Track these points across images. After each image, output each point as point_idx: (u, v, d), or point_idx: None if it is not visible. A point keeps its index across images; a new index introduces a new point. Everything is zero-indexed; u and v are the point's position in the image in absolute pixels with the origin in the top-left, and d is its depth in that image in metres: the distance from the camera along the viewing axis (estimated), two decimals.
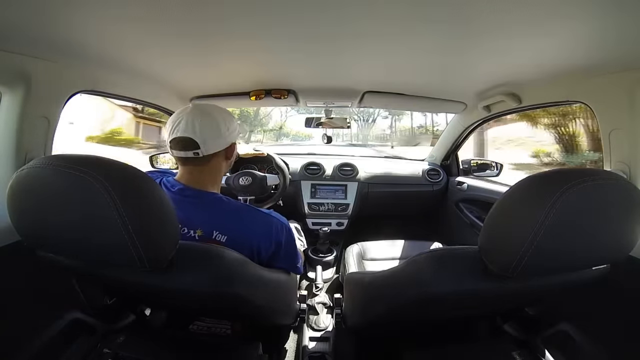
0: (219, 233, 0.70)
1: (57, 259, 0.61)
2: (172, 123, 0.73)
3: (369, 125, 16.99)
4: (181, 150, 0.72)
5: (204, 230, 0.70)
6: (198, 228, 0.70)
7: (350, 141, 15.95)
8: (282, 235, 0.78)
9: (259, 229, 0.74)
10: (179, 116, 0.73)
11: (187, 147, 0.71)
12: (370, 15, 0.62)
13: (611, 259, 0.56)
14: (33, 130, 0.80)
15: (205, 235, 0.70)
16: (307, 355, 1.06)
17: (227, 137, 0.77)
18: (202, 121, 0.72)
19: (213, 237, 0.70)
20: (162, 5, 0.57)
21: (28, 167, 0.49)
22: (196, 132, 0.71)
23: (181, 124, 0.71)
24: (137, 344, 0.73)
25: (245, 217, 0.75)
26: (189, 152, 0.72)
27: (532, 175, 0.52)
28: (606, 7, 0.53)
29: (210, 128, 0.72)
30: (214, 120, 0.73)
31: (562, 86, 0.96)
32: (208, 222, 0.71)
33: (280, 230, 0.78)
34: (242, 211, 0.76)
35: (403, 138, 17.01)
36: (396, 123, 18.18)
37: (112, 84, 1.02)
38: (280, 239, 0.77)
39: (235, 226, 0.72)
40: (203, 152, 0.72)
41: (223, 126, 0.75)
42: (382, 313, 0.73)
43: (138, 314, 0.89)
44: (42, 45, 0.73)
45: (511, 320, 0.84)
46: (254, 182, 1.45)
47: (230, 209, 0.75)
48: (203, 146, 0.72)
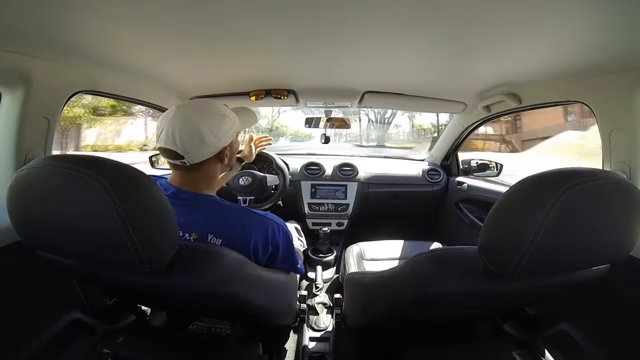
0: (214, 236, 0.69)
1: (57, 259, 0.61)
2: (157, 129, 0.70)
3: (385, 127, 16.06)
4: (168, 157, 0.70)
5: (199, 233, 0.69)
6: (193, 231, 0.69)
7: (359, 142, 15.07)
8: (279, 236, 0.76)
9: (255, 232, 0.72)
10: (162, 123, 0.69)
11: (172, 156, 0.69)
12: (370, 15, 0.62)
13: (611, 259, 0.56)
14: (33, 130, 0.80)
15: (200, 238, 0.69)
16: (307, 355, 1.06)
17: (215, 144, 0.71)
18: (182, 131, 0.66)
19: (208, 241, 0.69)
20: (162, 5, 0.57)
21: (28, 167, 0.49)
22: (177, 144, 0.66)
23: (163, 134, 0.67)
24: (137, 344, 0.73)
25: (240, 220, 0.73)
26: (176, 160, 0.69)
27: (532, 175, 0.52)
28: (606, 7, 0.53)
29: (191, 139, 0.67)
30: (195, 129, 0.67)
31: (562, 86, 0.96)
32: (202, 225, 0.69)
33: (277, 232, 0.76)
34: (237, 214, 0.74)
35: (427, 138, 15.79)
36: (413, 121, 16.56)
37: (112, 84, 1.02)
38: (277, 240, 0.76)
39: (230, 229, 0.70)
40: (189, 162, 0.69)
41: (208, 133, 0.68)
42: (382, 313, 0.73)
43: (138, 314, 0.89)
44: (42, 45, 0.72)
45: (511, 320, 0.84)
46: (254, 182, 1.45)
47: (224, 212, 0.73)
48: (187, 156, 0.68)
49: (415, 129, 16.22)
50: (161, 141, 0.68)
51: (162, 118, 0.70)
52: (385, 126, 15.76)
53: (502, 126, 9.65)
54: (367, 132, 16.05)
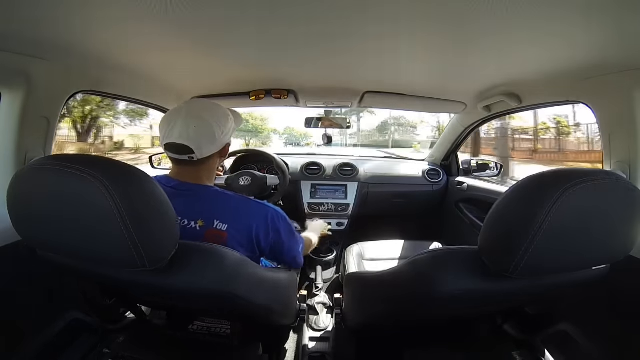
0: (220, 222, 0.71)
1: (57, 259, 0.61)
2: (166, 125, 0.72)
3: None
4: (175, 153, 0.73)
5: (205, 220, 0.71)
6: (199, 219, 0.71)
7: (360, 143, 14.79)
8: (279, 223, 0.79)
9: (256, 218, 0.75)
10: (172, 119, 0.72)
11: (182, 151, 0.72)
12: (370, 15, 0.62)
13: (611, 259, 0.56)
14: (33, 130, 0.80)
15: (207, 225, 0.71)
16: (307, 355, 1.06)
17: (221, 140, 0.77)
18: (197, 128, 0.71)
19: (214, 227, 0.71)
20: (162, 5, 0.57)
21: (28, 167, 0.49)
22: (191, 139, 0.70)
23: (175, 130, 0.70)
24: (137, 344, 0.73)
25: (242, 207, 0.76)
26: (184, 156, 0.72)
27: (532, 175, 0.52)
28: (606, 7, 0.53)
29: (205, 134, 0.72)
30: (209, 125, 0.73)
31: (562, 86, 0.96)
32: (208, 212, 0.72)
33: (277, 218, 0.79)
34: (239, 201, 0.78)
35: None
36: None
37: (111, 84, 1.02)
38: (278, 227, 0.78)
39: (234, 215, 0.73)
40: (198, 157, 0.73)
41: (218, 130, 0.74)
42: (382, 313, 0.73)
43: (138, 314, 0.89)
44: (42, 45, 0.72)
45: (511, 320, 0.84)
46: (254, 182, 1.45)
47: (227, 200, 0.76)
48: (198, 151, 0.72)
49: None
50: (172, 137, 0.71)
51: (172, 115, 0.73)
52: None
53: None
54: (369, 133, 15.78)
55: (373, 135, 17.29)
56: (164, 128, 0.72)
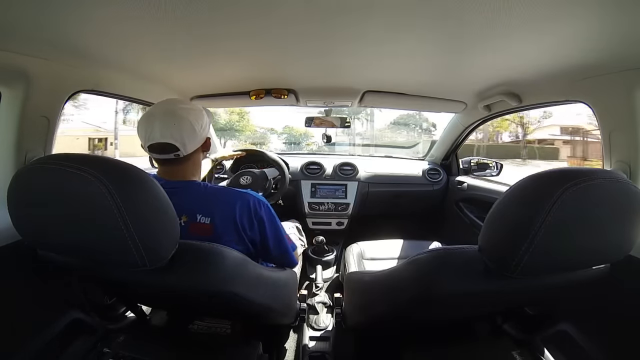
0: (202, 215, 0.73)
1: (57, 259, 0.61)
2: (145, 128, 0.73)
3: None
4: (161, 153, 0.74)
5: (188, 215, 0.72)
6: (182, 214, 0.72)
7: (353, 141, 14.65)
8: (261, 211, 0.79)
9: (237, 203, 0.76)
10: (149, 120, 0.73)
11: (167, 150, 0.73)
12: (370, 14, 0.62)
13: (611, 258, 0.56)
14: (33, 129, 0.80)
15: (190, 220, 0.72)
16: (307, 354, 1.07)
17: (201, 135, 0.79)
18: (177, 125, 0.72)
19: (198, 220, 0.72)
20: (162, 5, 0.57)
21: (28, 167, 0.49)
22: (174, 137, 0.72)
23: (156, 130, 0.71)
24: (137, 344, 0.73)
25: (222, 196, 0.77)
26: (170, 154, 0.73)
27: (532, 174, 0.52)
28: (606, 6, 0.53)
29: (186, 130, 0.74)
30: (187, 121, 0.74)
31: (562, 86, 0.96)
32: (190, 207, 0.73)
33: (259, 206, 0.79)
34: (219, 191, 0.79)
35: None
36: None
37: (112, 83, 1.02)
38: (260, 214, 0.79)
39: (216, 206, 0.74)
40: (183, 153, 0.74)
41: (197, 125, 0.76)
42: (382, 312, 0.73)
43: (138, 313, 0.89)
44: (42, 45, 0.72)
45: (511, 320, 0.84)
46: (255, 180, 1.45)
47: (207, 191, 0.78)
48: (183, 148, 0.73)
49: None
50: (155, 138, 0.72)
51: (148, 117, 0.74)
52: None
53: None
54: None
55: (385, 135, 16.88)
56: (143, 131, 0.73)
